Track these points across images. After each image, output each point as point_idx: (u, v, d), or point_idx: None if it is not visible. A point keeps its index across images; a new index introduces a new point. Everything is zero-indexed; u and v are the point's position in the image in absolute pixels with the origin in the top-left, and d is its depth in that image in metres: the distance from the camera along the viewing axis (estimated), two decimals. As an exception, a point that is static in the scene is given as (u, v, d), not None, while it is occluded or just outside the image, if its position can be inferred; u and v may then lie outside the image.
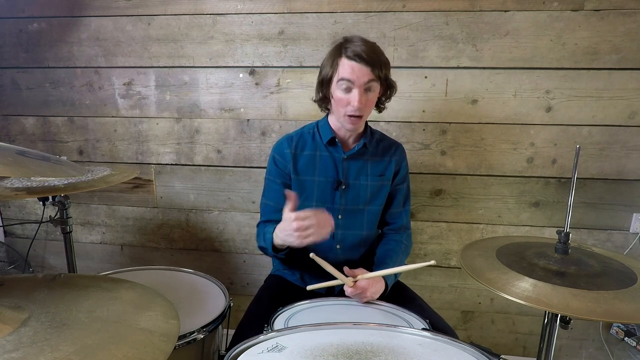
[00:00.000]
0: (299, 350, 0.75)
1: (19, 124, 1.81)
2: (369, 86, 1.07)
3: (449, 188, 1.63)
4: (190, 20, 1.61)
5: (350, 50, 1.05)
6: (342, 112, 1.10)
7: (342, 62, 1.06)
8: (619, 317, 0.73)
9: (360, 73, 1.04)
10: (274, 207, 1.19)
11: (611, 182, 1.55)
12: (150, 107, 1.72)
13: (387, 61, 1.11)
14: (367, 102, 1.09)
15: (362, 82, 1.05)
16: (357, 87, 1.05)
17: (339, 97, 1.08)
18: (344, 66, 1.06)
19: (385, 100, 1.19)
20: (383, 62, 1.08)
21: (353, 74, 1.05)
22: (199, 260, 1.84)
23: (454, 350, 0.79)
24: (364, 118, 1.12)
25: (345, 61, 1.05)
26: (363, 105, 1.07)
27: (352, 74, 1.05)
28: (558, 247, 0.92)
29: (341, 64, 1.06)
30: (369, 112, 1.13)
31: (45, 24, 1.69)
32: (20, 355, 0.55)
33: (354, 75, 1.04)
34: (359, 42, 1.07)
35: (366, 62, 1.04)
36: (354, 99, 1.06)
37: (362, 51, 1.04)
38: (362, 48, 1.05)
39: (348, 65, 1.05)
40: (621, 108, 1.48)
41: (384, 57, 1.10)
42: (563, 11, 1.43)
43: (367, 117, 1.15)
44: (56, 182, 1.07)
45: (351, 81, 1.05)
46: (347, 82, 1.05)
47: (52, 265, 1.97)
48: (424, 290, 1.71)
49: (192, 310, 1.07)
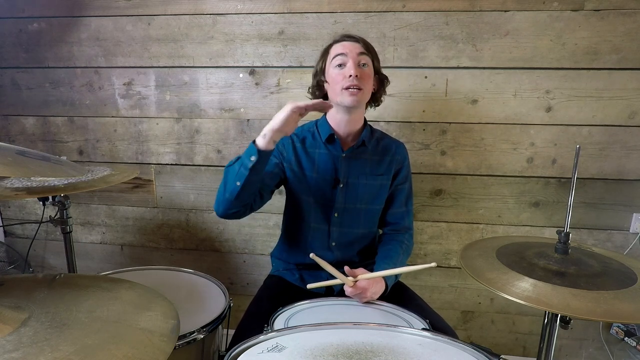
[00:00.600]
0: (299, 350, 0.75)
1: (19, 124, 1.81)
2: (362, 60, 1.11)
3: (449, 188, 1.63)
4: (190, 20, 1.61)
5: (338, 36, 1.16)
6: (339, 88, 1.09)
7: (333, 47, 1.14)
8: (619, 317, 0.73)
9: (351, 47, 1.11)
10: None
11: (611, 182, 1.55)
12: (150, 107, 1.72)
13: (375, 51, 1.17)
14: (363, 75, 1.09)
15: (355, 53, 1.10)
16: (351, 58, 1.09)
17: (335, 75, 1.11)
18: (336, 48, 1.13)
19: (380, 95, 1.21)
20: (371, 47, 1.15)
21: (345, 48, 1.11)
22: (199, 260, 1.84)
23: (454, 350, 0.79)
24: (362, 94, 1.09)
25: (336, 45, 1.14)
26: (360, 76, 1.08)
27: (343, 48, 1.11)
28: (558, 247, 0.92)
29: (332, 48, 1.14)
30: (368, 88, 1.12)
31: (45, 24, 1.69)
32: (20, 355, 0.55)
33: (346, 49, 1.10)
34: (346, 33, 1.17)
35: (355, 39, 1.13)
36: (349, 67, 1.09)
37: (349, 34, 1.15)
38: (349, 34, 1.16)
39: (339, 45, 1.12)
40: (621, 108, 1.48)
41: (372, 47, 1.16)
42: (563, 11, 1.43)
43: (366, 96, 1.13)
44: (56, 182, 1.07)
45: (344, 54, 1.10)
46: (341, 56, 1.10)
47: (52, 265, 1.97)
48: (424, 290, 1.71)
49: (192, 310, 1.07)
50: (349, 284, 1.05)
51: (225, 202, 1.08)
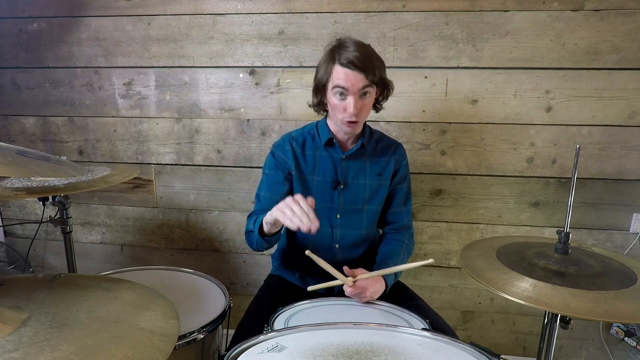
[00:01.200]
0: (299, 350, 0.75)
1: (19, 124, 1.81)
2: (364, 91, 1.06)
3: (449, 188, 1.63)
4: (190, 20, 1.61)
5: (343, 57, 1.03)
6: (339, 118, 1.10)
7: (335, 69, 1.05)
8: (619, 317, 0.73)
9: (354, 80, 1.03)
10: (271, 198, 1.17)
11: (611, 182, 1.55)
12: (150, 107, 1.72)
13: (381, 64, 1.10)
14: (363, 107, 1.09)
15: (357, 88, 1.04)
16: (352, 94, 1.05)
17: (335, 104, 1.08)
18: (338, 73, 1.04)
19: (382, 101, 1.19)
20: (377, 65, 1.07)
21: (347, 81, 1.03)
22: (199, 260, 1.84)
23: (454, 350, 0.79)
24: (361, 121, 1.12)
25: (339, 68, 1.04)
26: (359, 111, 1.07)
27: (346, 82, 1.04)
28: (558, 247, 0.92)
29: (335, 70, 1.05)
30: (366, 115, 1.12)
31: (45, 24, 1.69)
32: (20, 355, 0.55)
33: (348, 82, 1.03)
34: (351, 47, 1.04)
35: (359, 68, 1.02)
36: (349, 105, 1.05)
37: (354, 57, 1.02)
38: (355, 54, 1.03)
39: (342, 73, 1.04)
40: (621, 108, 1.48)
41: (377, 60, 1.09)
42: (563, 11, 1.43)
43: (364, 120, 1.15)
44: (56, 182, 1.07)
45: (345, 88, 1.04)
46: (342, 89, 1.05)
47: (52, 265, 1.97)
48: (424, 290, 1.71)
49: (192, 310, 1.07)
50: (348, 283, 1.05)
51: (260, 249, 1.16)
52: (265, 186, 1.22)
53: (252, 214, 1.20)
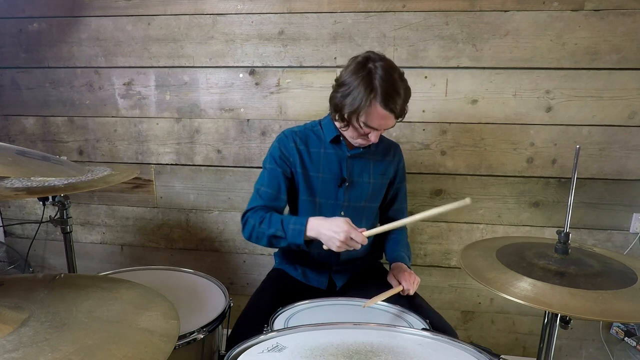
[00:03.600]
0: (299, 350, 0.75)
1: (19, 124, 1.81)
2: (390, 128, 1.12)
3: (449, 188, 1.63)
4: (190, 20, 1.61)
5: (385, 96, 1.02)
6: (356, 138, 1.13)
7: (374, 106, 1.03)
8: (619, 316, 0.73)
9: (387, 122, 1.07)
10: (272, 194, 1.18)
11: (611, 182, 1.55)
12: (150, 107, 1.72)
13: (409, 93, 1.09)
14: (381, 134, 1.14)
15: (385, 127, 1.09)
16: (380, 131, 1.09)
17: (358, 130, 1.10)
18: (375, 113, 1.04)
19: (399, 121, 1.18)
20: (406, 100, 1.09)
21: (381, 123, 1.06)
22: (199, 260, 1.84)
23: (454, 350, 0.79)
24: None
25: (379, 108, 1.03)
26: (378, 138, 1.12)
27: (379, 124, 1.07)
28: (558, 247, 0.92)
29: (374, 106, 1.03)
30: None
31: (45, 24, 1.69)
32: (20, 355, 0.55)
33: (382, 124, 1.07)
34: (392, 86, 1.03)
35: (395, 113, 1.05)
36: (372, 137, 1.10)
37: (395, 103, 1.03)
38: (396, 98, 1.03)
39: (381, 113, 1.04)
40: (621, 108, 1.48)
41: (408, 96, 1.09)
42: (563, 11, 1.43)
43: None
44: (56, 182, 1.07)
45: (377, 129, 1.08)
46: (374, 129, 1.08)
47: (52, 265, 1.97)
48: (424, 290, 1.71)
49: (192, 310, 1.07)
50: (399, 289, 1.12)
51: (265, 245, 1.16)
52: (267, 182, 1.19)
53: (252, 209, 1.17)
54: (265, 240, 1.12)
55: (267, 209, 1.16)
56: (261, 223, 1.11)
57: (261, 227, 1.11)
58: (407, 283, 1.13)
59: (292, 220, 1.08)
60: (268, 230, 1.10)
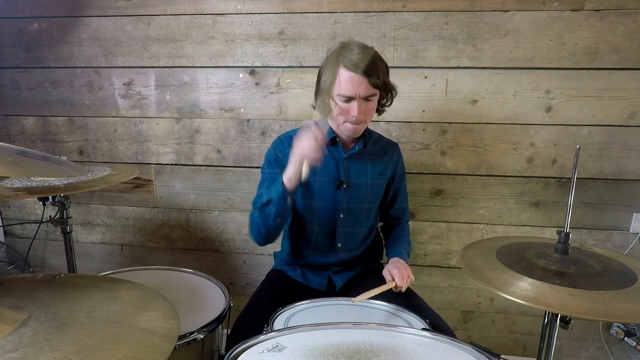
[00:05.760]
0: (299, 350, 0.75)
1: (19, 124, 1.81)
2: (369, 95, 1.07)
3: (449, 188, 1.63)
4: (190, 20, 1.61)
5: (347, 59, 1.04)
6: (341, 120, 1.11)
7: (340, 72, 1.05)
8: (619, 316, 0.73)
9: (359, 86, 1.04)
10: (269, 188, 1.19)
11: (611, 182, 1.55)
12: (150, 107, 1.72)
13: (385, 67, 1.10)
14: (367, 110, 1.10)
15: (361, 92, 1.06)
16: (357, 100, 1.06)
17: (339, 106, 1.09)
18: (343, 77, 1.05)
19: (386, 104, 1.18)
20: (381, 69, 1.08)
21: (352, 88, 1.04)
22: (199, 260, 1.84)
23: (454, 350, 0.79)
24: (363, 125, 1.14)
25: (344, 72, 1.04)
26: (363, 115, 1.08)
27: (350, 89, 1.05)
28: (558, 247, 0.92)
29: (340, 74, 1.05)
30: (369, 118, 1.14)
31: (45, 24, 1.69)
32: (20, 355, 0.55)
33: (353, 89, 1.05)
34: (356, 50, 1.05)
35: (365, 73, 1.03)
36: (353, 109, 1.07)
37: (359, 60, 1.03)
38: (359, 57, 1.03)
39: (347, 76, 1.04)
40: (621, 108, 1.48)
41: (382, 63, 1.09)
42: (563, 11, 1.43)
43: (367, 124, 1.16)
44: (56, 182, 1.07)
45: (351, 96, 1.06)
46: (347, 97, 1.06)
47: (52, 265, 1.97)
48: (424, 290, 1.71)
49: (192, 310, 1.07)
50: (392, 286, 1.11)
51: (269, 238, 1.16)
52: (266, 185, 1.20)
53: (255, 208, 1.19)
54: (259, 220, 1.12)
55: None
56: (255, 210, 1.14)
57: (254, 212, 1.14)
58: (399, 279, 1.12)
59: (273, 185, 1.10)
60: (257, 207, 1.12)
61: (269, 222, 1.11)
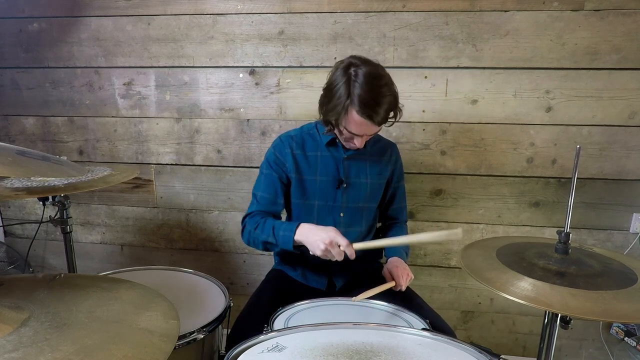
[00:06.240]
0: (299, 350, 0.75)
1: (19, 124, 1.81)
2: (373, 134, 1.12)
3: (449, 188, 1.63)
4: (190, 20, 1.61)
5: (360, 104, 0.99)
6: (343, 139, 1.14)
7: (350, 112, 1.02)
8: (619, 317, 0.73)
9: (366, 129, 1.06)
10: (269, 199, 1.21)
11: (611, 182, 1.55)
12: (150, 107, 1.72)
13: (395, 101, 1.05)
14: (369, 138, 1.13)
15: (368, 134, 1.09)
16: (363, 138, 1.09)
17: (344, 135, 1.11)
18: (353, 118, 1.03)
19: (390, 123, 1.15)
20: (391, 109, 1.06)
21: (360, 129, 1.05)
22: (199, 260, 1.84)
23: (454, 350, 0.79)
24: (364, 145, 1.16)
25: (354, 114, 1.02)
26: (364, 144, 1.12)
27: (359, 130, 1.06)
28: (558, 247, 0.91)
29: (350, 113, 1.02)
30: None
31: (45, 24, 1.69)
32: (20, 355, 0.55)
33: (361, 130, 1.06)
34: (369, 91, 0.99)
35: (372, 119, 1.01)
36: (357, 141, 1.09)
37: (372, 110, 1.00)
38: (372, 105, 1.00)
39: (357, 120, 1.02)
40: (621, 108, 1.48)
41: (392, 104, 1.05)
42: (563, 11, 1.43)
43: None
44: (56, 182, 1.07)
45: (358, 135, 1.07)
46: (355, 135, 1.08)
47: (52, 265, 1.97)
48: (424, 290, 1.71)
49: (192, 310, 1.07)
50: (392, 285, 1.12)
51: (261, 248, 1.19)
52: (263, 187, 1.23)
53: (250, 214, 1.21)
54: (260, 246, 1.15)
55: (264, 213, 1.18)
56: (256, 229, 1.14)
57: (256, 233, 1.14)
58: (399, 278, 1.13)
59: (283, 226, 1.09)
60: (261, 236, 1.13)
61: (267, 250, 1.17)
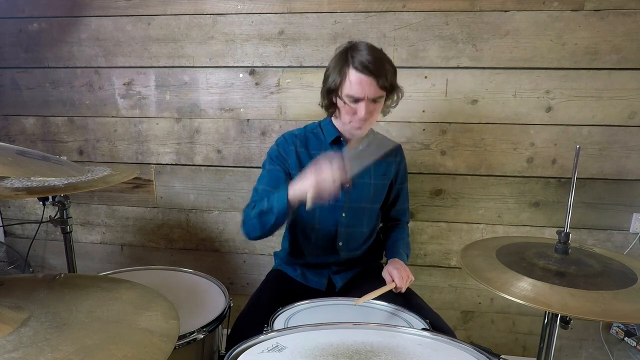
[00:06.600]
0: (299, 350, 0.75)
1: (19, 124, 1.81)
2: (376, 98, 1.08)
3: (449, 188, 1.63)
4: (190, 20, 1.61)
5: (357, 61, 1.04)
6: (347, 119, 1.12)
7: (349, 73, 1.05)
8: (619, 317, 0.73)
9: (367, 88, 1.05)
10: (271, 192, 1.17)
11: (611, 182, 1.55)
12: (150, 107, 1.72)
13: (393, 69, 1.10)
14: (373, 111, 1.11)
15: (369, 96, 1.06)
16: (364, 101, 1.06)
17: (346, 106, 1.09)
18: (352, 78, 1.05)
19: (391, 105, 1.18)
20: (390, 71, 1.08)
21: (361, 89, 1.05)
22: (199, 260, 1.84)
23: (454, 350, 0.79)
24: (369, 125, 1.14)
25: (353, 73, 1.04)
26: (369, 116, 1.09)
27: (359, 90, 1.05)
28: (558, 247, 0.91)
29: (349, 75, 1.05)
30: (374, 119, 1.14)
31: (45, 24, 1.69)
32: (20, 355, 0.55)
33: (362, 90, 1.05)
34: (365, 51, 1.05)
35: (373, 75, 1.03)
36: (360, 109, 1.07)
37: (368, 62, 1.03)
38: (369, 58, 1.03)
39: (355, 77, 1.04)
40: (621, 108, 1.48)
41: (390, 67, 1.09)
42: (563, 11, 1.43)
43: (372, 124, 1.17)
44: (56, 182, 1.07)
45: (359, 98, 1.06)
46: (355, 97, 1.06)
47: (52, 265, 1.97)
48: (424, 290, 1.71)
49: (192, 310, 1.07)
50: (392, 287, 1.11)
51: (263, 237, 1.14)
52: (265, 181, 1.20)
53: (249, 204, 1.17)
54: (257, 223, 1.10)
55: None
56: (253, 208, 1.11)
57: (253, 211, 1.11)
58: (399, 280, 1.12)
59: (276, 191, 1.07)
60: (256, 210, 1.09)
61: (266, 228, 1.10)
